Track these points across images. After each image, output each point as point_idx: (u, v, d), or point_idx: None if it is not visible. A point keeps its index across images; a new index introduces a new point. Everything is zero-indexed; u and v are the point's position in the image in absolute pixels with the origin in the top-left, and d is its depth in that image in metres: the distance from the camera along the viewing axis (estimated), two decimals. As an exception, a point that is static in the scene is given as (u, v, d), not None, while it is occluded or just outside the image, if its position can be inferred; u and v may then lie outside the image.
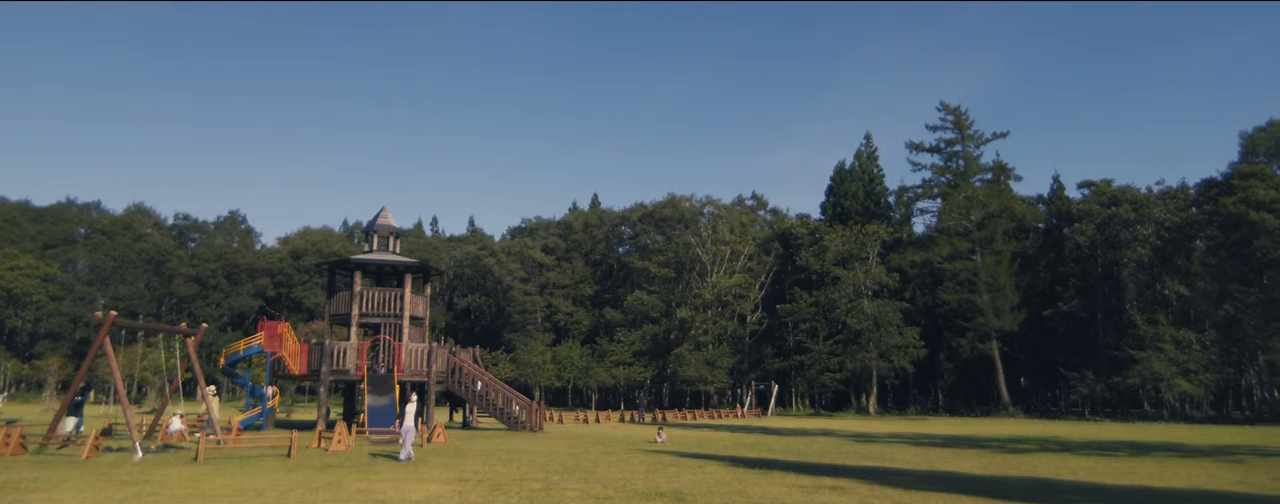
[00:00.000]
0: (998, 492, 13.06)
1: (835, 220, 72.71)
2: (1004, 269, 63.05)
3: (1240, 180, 54.10)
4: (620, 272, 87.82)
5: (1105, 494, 13.31)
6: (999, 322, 61.44)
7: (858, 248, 66.09)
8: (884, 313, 62.19)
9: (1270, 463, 19.49)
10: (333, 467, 16.26)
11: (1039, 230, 71.63)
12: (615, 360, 70.64)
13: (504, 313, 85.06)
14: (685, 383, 68.15)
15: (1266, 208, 51.44)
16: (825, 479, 14.73)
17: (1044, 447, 25.62)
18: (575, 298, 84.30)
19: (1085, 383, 58.25)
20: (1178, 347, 54.00)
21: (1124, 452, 23.51)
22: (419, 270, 33.97)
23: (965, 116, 68.31)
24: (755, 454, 21.16)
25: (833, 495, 12.37)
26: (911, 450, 23.54)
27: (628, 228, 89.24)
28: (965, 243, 64.33)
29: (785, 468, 16.97)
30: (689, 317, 69.98)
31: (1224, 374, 56.44)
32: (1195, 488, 14.32)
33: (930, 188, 69.80)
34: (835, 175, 78.29)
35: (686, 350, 67.69)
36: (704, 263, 74.37)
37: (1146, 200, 62.78)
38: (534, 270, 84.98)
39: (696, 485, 13.48)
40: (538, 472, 15.59)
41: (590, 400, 75.31)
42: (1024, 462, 19.61)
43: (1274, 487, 14.44)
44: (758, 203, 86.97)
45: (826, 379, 64.31)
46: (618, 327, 76.49)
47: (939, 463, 19.17)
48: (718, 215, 78.83)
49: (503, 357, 71.58)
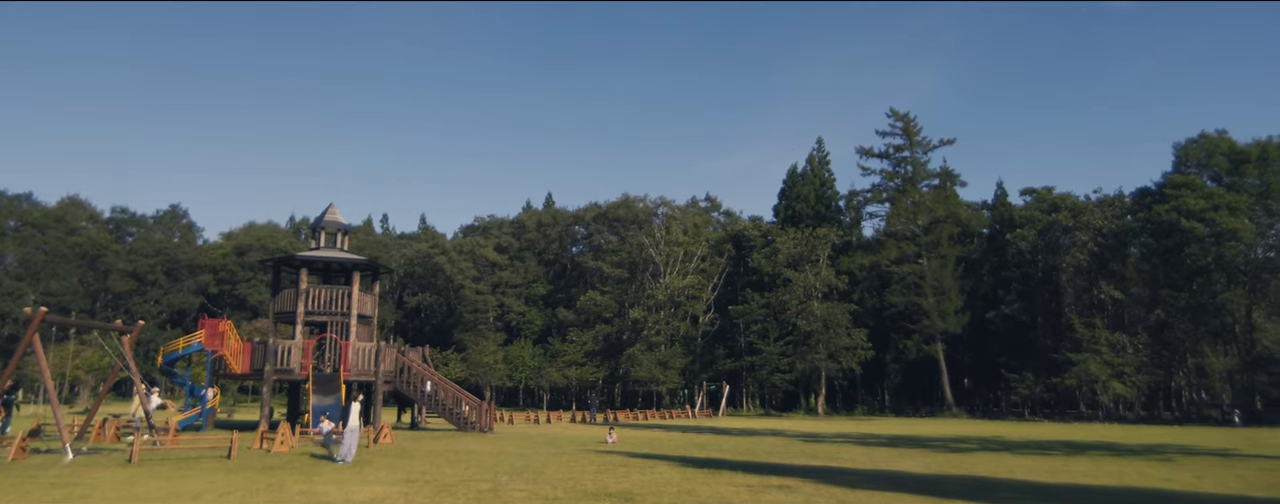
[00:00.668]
0: (938, 490, 13.37)
1: (787, 223, 73.60)
2: (949, 273, 64.55)
3: (1173, 190, 56.24)
4: (574, 271, 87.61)
5: (1040, 492, 13.74)
6: (944, 324, 62.87)
7: (808, 250, 67.03)
8: (833, 315, 63.17)
9: (1196, 461, 20.32)
10: (275, 468, 15.89)
11: (983, 235, 73.53)
12: (567, 360, 70.43)
13: (455, 312, 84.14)
14: (637, 383, 68.29)
15: (1196, 217, 53.57)
16: (773, 479, 14.90)
17: (985, 446, 26.30)
18: (528, 297, 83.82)
19: (1025, 384, 59.96)
20: (1112, 349, 55.93)
21: (1060, 451, 24.26)
22: (367, 268, 33.40)
23: (914, 123, 69.78)
24: (705, 454, 21.29)
25: (779, 494, 12.53)
26: (858, 450, 23.95)
27: (581, 228, 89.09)
28: (912, 247, 65.71)
29: (734, 468, 17.12)
30: (642, 317, 70.14)
31: (1155, 376, 58.67)
32: (1125, 486, 14.86)
33: (879, 192, 71.12)
34: (787, 179, 79.25)
35: (639, 351, 67.82)
36: (657, 264, 74.62)
37: (1085, 208, 64.94)
38: (486, 269, 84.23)
39: (646, 485, 13.51)
40: (486, 473, 15.46)
41: (542, 401, 74.94)
42: (965, 461, 20.10)
43: (1198, 484, 15.06)
44: (711, 204, 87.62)
45: (777, 380, 65.07)
46: (570, 327, 76.28)
47: (883, 462, 19.54)
48: (671, 216, 79.15)
49: (453, 356, 70.78)
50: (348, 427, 18.00)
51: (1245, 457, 22.11)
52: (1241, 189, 55.42)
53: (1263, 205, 55.28)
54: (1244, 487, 14.56)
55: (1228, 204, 53.46)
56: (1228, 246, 53.50)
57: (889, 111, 70.50)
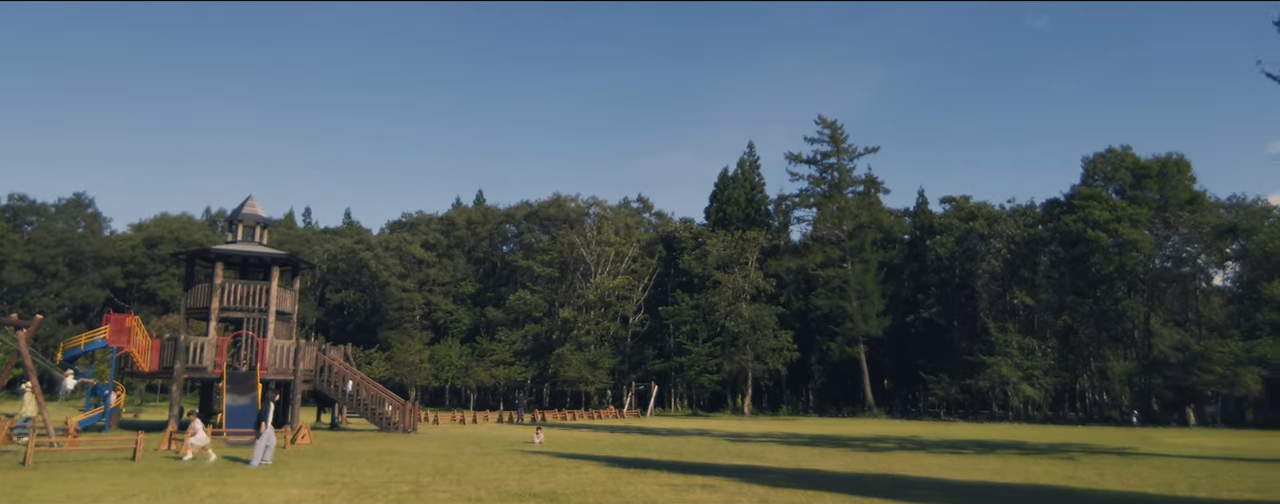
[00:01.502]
0: (856, 488, 13.73)
1: (718, 226, 74.46)
2: (872, 277, 66.36)
3: (1080, 201, 59.06)
4: (503, 270, 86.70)
5: (952, 489, 14.25)
6: (866, 327, 64.59)
7: (738, 253, 67.98)
8: (761, 317, 64.22)
9: (1097, 460, 21.41)
10: (183, 471, 15.24)
11: (904, 241, 75.88)
12: (495, 360, 69.63)
13: (380, 310, 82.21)
14: (566, 383, 68.03)
15: (1101, 227, 56.42)
16: (697, 478, 15.04)
17: (902, 445, 27.13)
18: (456, 296, 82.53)
19: (941, 385, 62.13)
20: (1023, 353, 58.42)
21: (972, 450, 25.22)
22: (288, 263, 32.37)
23: (841, 131, 71.53)
24: (631, 454, 21.36)
25: (703, 494, 12.66)
26: (781, 449, 24.39)
27: (512, 226, 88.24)
28: (837, 251, 67.36)
29: (660, 467, 17.22)
30: (572, 317, 69.90)
31: (1061, 379, 61.56)
32: (1031, 483, 15.55)
33: (807, 197, 72.65)
34: (719, 182, 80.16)
35: (568, 351, 67.57)
36: (588, 263, 74.49)
37: (999, 216, 67.74)
38: (413, 266, 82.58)
39: (571, 486, 13.47)
40: (408, 474, 15.16)
41: (468, 401, 73.91)
42: (883, 460, 20.70)
43: (1098, 482, 15.87)
44: (643, 205, 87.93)
45: (704, 380, 65.77)
46: (499, 326, 75.46)
47: (805, 461, 19.96)
48: (603, 217, 79.14)
49: (377, 355, 69.16)
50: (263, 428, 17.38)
51: (1142, 455, 23.40)
52: (1142, 202, 58.63)
53: (1161, 218, 58.58)
54: (1140, 484, 15.40)
55: (1129, 216, 56.47)
56: (1129, 256, 56.51)
57: (818, 119, 72.15)
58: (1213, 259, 60.53)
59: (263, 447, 16.77)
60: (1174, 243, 59.59)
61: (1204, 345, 52.33)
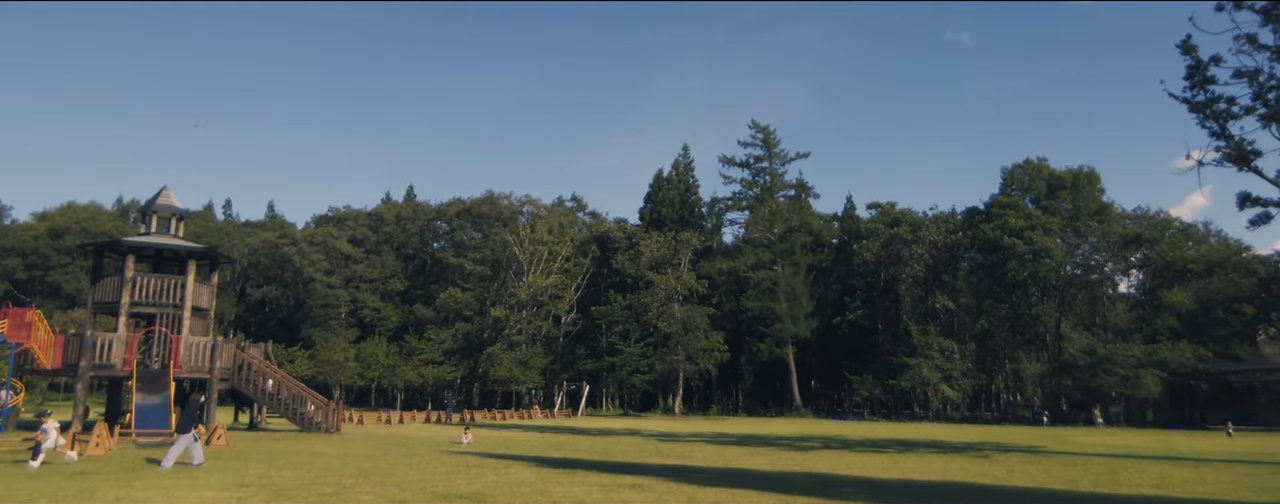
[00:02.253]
0: (782, 486, 13.97)
1: (651, 226, 74.82)
2: (801, 279, 67.71)
3: (998, 210, 61.49)
4: (434, 267, 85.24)
5: (873, 486, 14.65)
6: (795, 328, 65.86)
7: (671, 254, 68.45)
8: (692, 317, 64.80)
9: (1009, 457, 22.31)
10: (88, 473, 14.47)
11: (833, 245, 77.66)
12: (424, 359, 68.42)
13: (304, 306, 79.81)
14: (497, 383, 67.33)
15: (1017, 235, 58.84)
16: (626, 477, 15.07)
17: (827, 444, 27.74)
18: (384, 293, 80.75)
19: (866, 386, 63.83)
20: (943, 355, 60.51)
21: (893, 448, 25.96)
22: (205, 257, 31.14)
23: (773, 135, 72.74)
24: (561, 454, 21.26)
25: (632, 493, 12.68)
26: (710, 449, 24.64)
27: (443, 223, 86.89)
28: (768, 254, 68.48)
29: (589, 467, 17.19)
30: (503, 316, 69.21)
31: (978, 380, 64.03)
32: (947, 480, 16.10)
33: (739, 200, 73.65)
34: (654, 183, 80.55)
35: (499, 350, 66.88)
36: (521, 262, 73.88)
37: (922, 223, 70.00)
38: (339, 262, 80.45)
39: (499, 486, 13.32)
40: (330, 475, 14.74)
41: (395, 400, 72.42)
42: (808, 458, 21.13)
43: (1009, 479, 16.53)
44: (577, 205, 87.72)
45: (636, 380, 65.99)
46: (428, 324, 74.17)
47: (733, 460, 20.22)
48: (537, 215, 78.62)
49: (300, 353, 67.15)
50: (182, 430, 16.61)
51: (1051, 453, 24.48)
52: (1056, 212, 61.41)
53: (1073, 227, 61.45)
54: (1048, 481, 16.11)
55: (1043, 225, 59.06)
56: (1042, 263, 59.09)
57: (751, 123, 73.22)
58: (1118, 267, 63.77)
59: (184, 448, 16.13)
60: (1083, 251, 62.55)
61: (1109, 349, 55.09)
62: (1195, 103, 22.77)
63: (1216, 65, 22.43)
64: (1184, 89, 22.91)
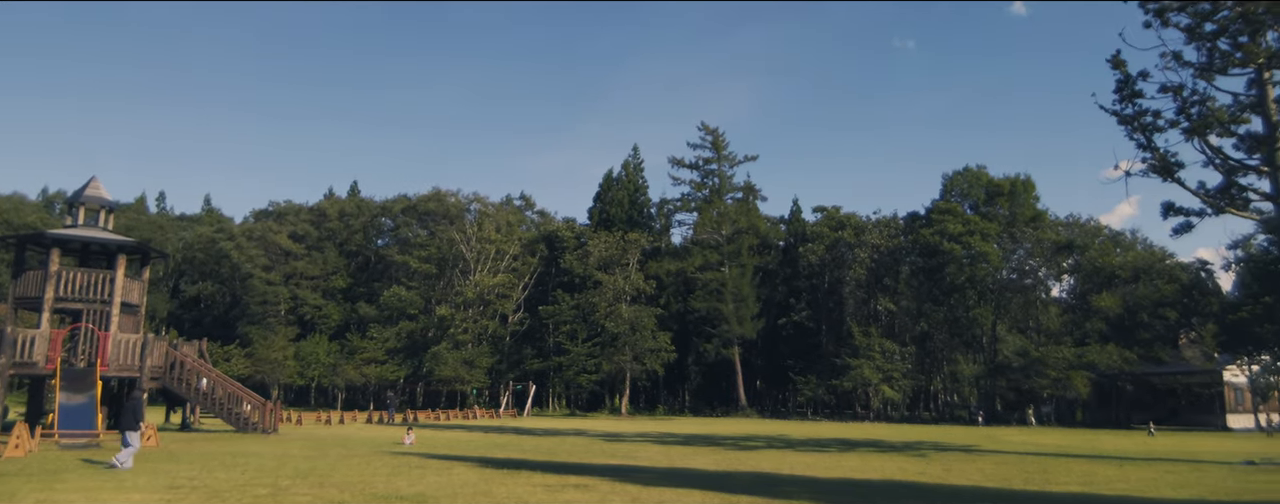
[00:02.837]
0: (725, 486, 14.11)
1: (600, 226, 74.75)
2: (748, 281, 68.43)
3: (938, 215, 63.08)
4: (378, 265, 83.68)
5: (814, 485, 14.90)
6: (741, 329, 66.52)
7: (619, 254, 68.51)
8: (640, 318, 64.97)
9: (946, 456, 22.91)
10: (7, 475, 13.84)
11: (779, 247, 78.68)
12: (366, 358, 67.14)
13: (241, 303, 77.57)
14: (441, 382, 66.45)
15: (956, 240, 60.44)
16: (571, 478, 15.03)
17: (771, 444, 28.10)
18: (325, 290, 78.95)
19: (810, 386, 64.85)
20: (884, 356, 61.84)
21: (835, 448, 26.43)
22: (136, 251, 30.05)
23: (722, 138, 73.37)
24: (506, 454, 21.10)
25: (576, 493, 12.66)
26: (655, 448, 24.73)
27: (388, 219, 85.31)
28: (716, 255, 69.05)
29: (534, 467, 17.10)
30: (449, 314, 68.36)
31: (918, 381, 65.61)
32: (886, 479, 16.47)
33: (688, 202, 74.10)
34: (603, 183, 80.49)
35: (444, 349, 66.02)
36: (467, 260, 73.06)
37: (866, 227, 71.44)
38: (279, 258, 78.42)
39: (441, 487, 13.15)
40: (266, 477, 14.36)
41: (336, 400, 70.92)
42: (752, 457, 21.37)
43: (945, 477, 16.99)
44: (526, 203, 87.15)
45: (583, 380, 65.86)
46: (371, 322, 72.81)
47: (678, 460, 20.34)
48: (485, 213, 77.85)
49: (236, 351, 65.30)
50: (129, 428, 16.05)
51: (985, 452, 25.23)
52: (993, 218, 63.28)
53: (1009, 233, 63.40)
54: (982, 479, 16.61)
55: (981, 230, 60.78)
56: (980, 268, 60.82)
57: (701, 125, 73.71)
58: (1051, 272, 66.01)
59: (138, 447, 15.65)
60: (1019, 256, 64.58)
61: (1041, 351, 57.01)
62: (1124, 115, 23.73)
63: (1144, 80, 23.42)
64: (1114, 102, 23.87)
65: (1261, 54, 21.38)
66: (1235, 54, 21.60)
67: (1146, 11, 22.20)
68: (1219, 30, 21.57)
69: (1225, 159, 23.06)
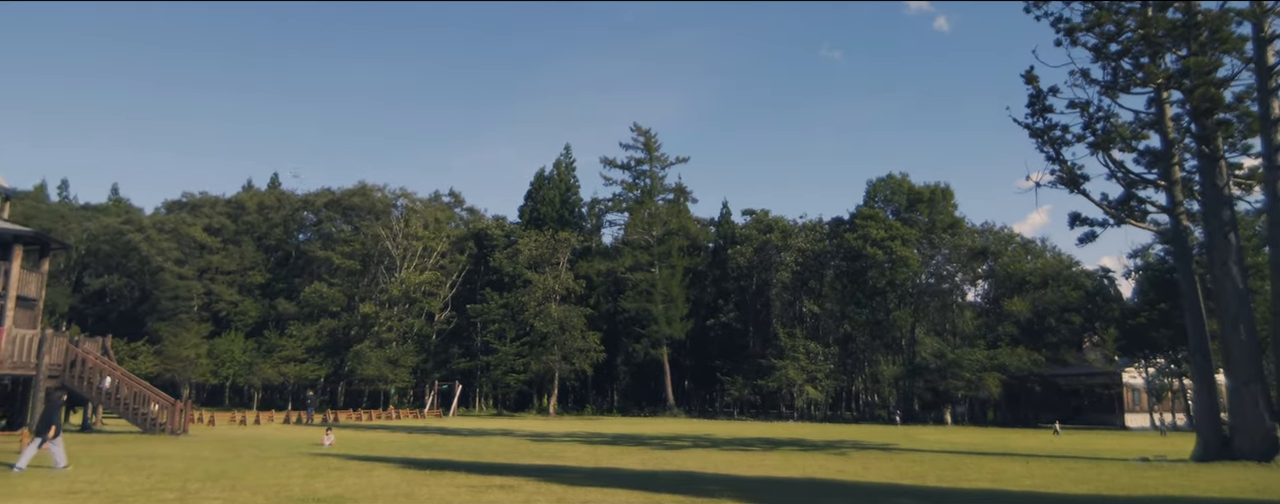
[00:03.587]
0: (650, 485, 14.19)
1: (531, 225, 74.22)
2: (677, 282, 69.01)
3: (862, 220, 64.91)
4: (299, 260, 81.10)
5: (737, 484, 15.13)
6: (670, 329, 67.03)
7: (550, 253, 68.17)
8: (570, 317, 64.77)
9: (865, 454, 23.58)
10: (-120, 481, 12.88)
11: (708, 249, 79.61)
12: (285, 356, 64.98)
13: (150, 298, 74.03)
14: (364, 382, 64.84)
15: (878, 245, 62.29)
16: (496, 478, 14.88)
17: (697, 443, 28.38)
18: (242, 286, 76.06)
19: (736, 386, 65.83)
20: (808, 357, 63.25)
21: (759, 447, 26.88)
22: (34, 241, 28.41)
23: (654, 139, 73.84)
24: (430, 455, 20.75)
25: (501, 494, 12.54)
26: (583, 448, 24.70)
27: (311, 214, 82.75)
28: (646, 256, 69.43)
29: (458, 468, 16.86)
30: (373, 312, 66.77)
31: (840, 381, 67.35)
32: (807, 476, 16.85)
33: (620, 202, 74.32)
34: (535, 181, 79.93)
35: (368, 347, 64.45)
36: (393, 257, 71.51)
37: (793, 230, 72.95)
38: (193, 252, 75.22)
39: (361, 489, 12.84)
40: (173, 480, 13.75)
41: (252, 400, 68.41)
42: (677, 457, 21.56)
43: (863, 474, 17.48)
44: (455, 200, 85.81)
45: (511, 380, 65.25)
46: (291, 320, 70.52)
47: (605, 460, 20.36)
48: (412, 209, 76.33)
49: (145, 348, 62.29)
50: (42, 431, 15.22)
51: (902, 450, 26.06)
52: (913, 224, 65.46)
53: (928, 239, 65.70)
54: (898, 476, 17.16)
55: (902, 236, 62.82)
56: (900, 272, 62.84)
57: (633, 126, 74.08)
58: (967, 277, 68.71)
59: (38, 450, 14.79)
60: (937, 262, 67.01)
61: (957, 353, 59.27)
62: (1035, 129, 24.91)
63: (1054, 95, 24.64)
64: (1026, 116, 25.01)
65: (1160, 75, 22.73)
66: (1137, 74, 22.90)
67: (1058, 30, 23.34)
68: (1123, 51, 22.83)
69: (1127, 173, 24.43)
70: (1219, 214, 22.29)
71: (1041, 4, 23.87)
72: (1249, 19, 21.16)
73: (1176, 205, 23.82)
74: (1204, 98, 21.24)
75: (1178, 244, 24.84)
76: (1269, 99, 21.14)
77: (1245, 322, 21.68)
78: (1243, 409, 21.24)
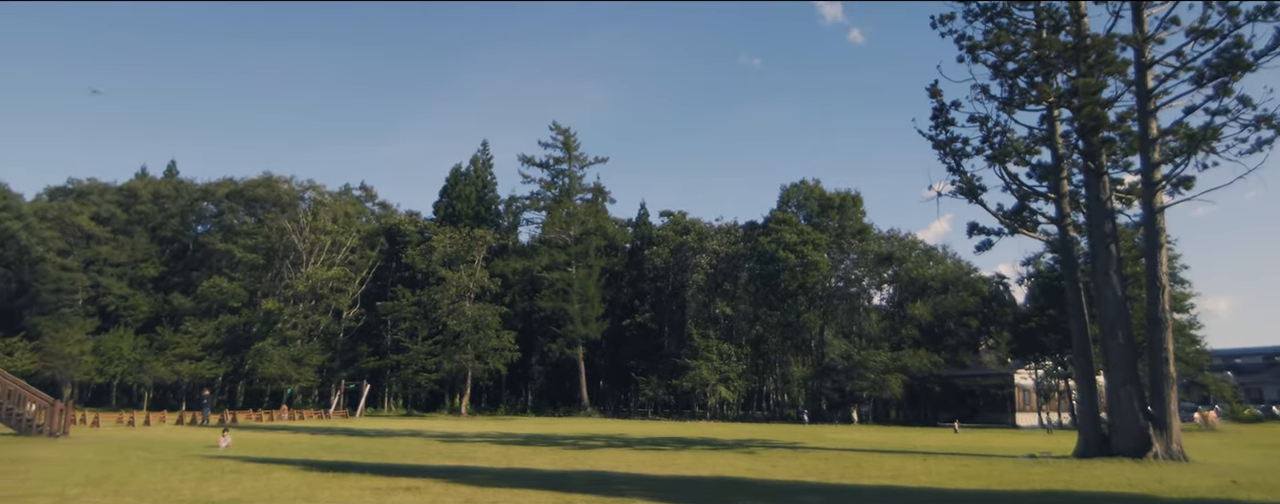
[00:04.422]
0: (562, 485, 14.16)
1: (446, 221, 72.87)
2: (594, 282, 69.00)
3: (775, 224, 66.35)
4: (197, 253, 77.13)
5: (648, 483, 15.26)
6: (586, 329, 66.95)
7: (465, 250, 67.09)
8: (484, 316, 63.89)
9: (773, 453, 24.13)
10: None
11: (626, 249, 79.90)
12: (179, 354, 61.82)
13: (29, 290, 69.08)
14: (266, 381, 62.26)
15: (790, 249, 63.80)
16: (402, 480, 14.56)
17: (610, 443, 28.47)
18: (133, 279, 71.80)
19: (651, 386, 66.32)
20: (721, 358, 64.26)
21: (671, 446, 27.16)
22: (-102, 228, 26.11)
23: (574, 138, 73.69)
24: (334, 457, 20.13)
25: (406, 496, 12.28)
26: (494, 449, 24.42)
27: (211, 204, 78.82)
28: (563, 255, 69.17)
29: (363, 470, 16.42)
30: (277, 309, 64.22)
31: (752, 381, 68.68)
32: (717, 475, 17.14)
33: (537, 200, 73.82)
34: (450, 177, 78.54)
35: (270, 345, 61.89)
36: (300, 251, 68.94)
37: (709, 232, 74.01)
38: (79, 241, 70.66)
39: (258, 493, 12.35)
40: (50, 485, 12.91)
41: (142, 400, 64.75)
42: (590, 457, 21.58)
43: (771, 472, 17.91)
44: (366, 194, 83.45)
45: (422, 379, 63.86)
46: (187, 315, 67.08)
47: (517, 460, 20.19)
48: (320, 202, 73.76)
49: (21, 344, 58.33)
50: None
51: (809, 449, 26.79)
52: (824, 229, 67.38)
53: (838, 244, 67.72)
54: (803, 473, 17.65)
55: (813, 241, 64.55)
56: (811, 275, 64.54)
57: (552, 125, 73.88)
58: (873, 282, 71.14)
59: None
60: (846, 266, 69.12)
61: (863, 355, 61.32)
62: (938, 140, 26.06)
63: (956, 109, 25.83)
64: (931, 128, 26.14)
65: (1052, 94, 24.13)
66: (1031, 92, 24.24)
67: (961, 48, 24.48)
68: (1019, 69, 24.13)
69: (1020, 185, 25.83)
70: (1101, 226, 23.80)
71: (947, 21, 24.98)
72: (1131, 44, 22.70)
73: (1064, 217, 25.32)
74: (1090, 116, 22.65)
75: (1064, 253, 26.40)
76: (1148, 120, 22.71)
77: (1123, 327, 23.22)
78: (1120, 409, 22.74)
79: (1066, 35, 24.22)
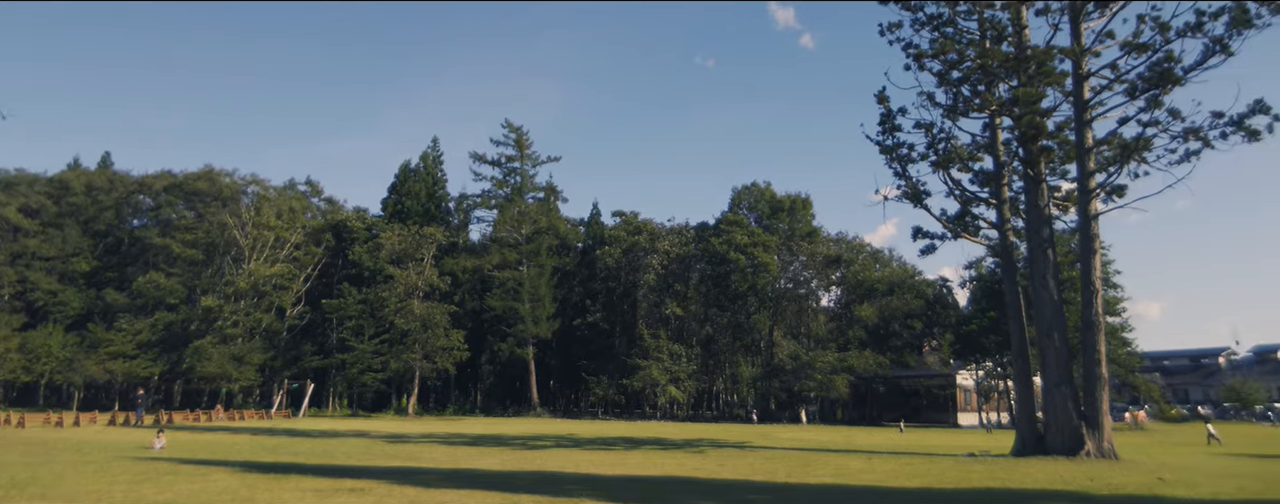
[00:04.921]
0: (509, 485, 14.07)
1: (394, 218, 71.62)
2: (545, 281, 68.60)
3: (726, 226, 66.90)
4: (132, 248, 74.42)
5: (596, 483, 15.26)
6: (537, 329, 66.53)
7: (414, 248, 66.07)
8: (433, 315, 63.00)
9: (722, 452, 24.34)
10: None
11: (578, 249, 79.64)
12: (113, 352, 59.64)
13: (-49, 286, 66.03)
14: (205, 381, 60.41)
15: (741, 250, 64.42)
16: (346, 481, 14.31)
17: (559, 443, 28.37)
18: (63, 273, 69.03)
19: (601, 386, 66.22)
20: (671, 358, 64.52)
21: (621, 446, 27.20)
22: None
23: (526, 137, 73.12)
24: (275, 458, 19.67)
25: (350, 498, 12.07)
26: (441, 449, 24.14)
27: (148, 197, 76.12)
28: (515, 254, 68.64)
29: (305, 471, 16.07)
30: (216, 306, 62.36)
31: (702, 382, 69.08)
32: (666, 474, 17.22)
33: (489, 198, 73.06)
34: (400, 174, 77.17)
35: (209, 343, 60.09)
36: (242, 247, 67.08)
37: (660, 233, 74.23)
38: (6, 234, 67.70)
39: (194, 495, 12.00)
40: (-29, 488, 12.35)
41: (72, 400, 62.26)
42: (539, 457, 21.48)
43: (719, 471, 18.06)
44: (312, 189, 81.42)
45: (368, 379, 62.67)
46: (121, 312, 64.74)
47: (464, 460, 19.99)
48: (264, 197, 71.79)
49: (-60, 342, 55.52)
50: None
51: (757, 448, 27.08)
52: (775, 231, 68.18)
53: (787, 246, 68.57)
54: (751, 472, 17.84)
55: (763, 242, 65.26)
56: (761, 277, 65.26)
57: (505, 122, 73.06)
58: (822, 283, 72.22)
59: None
60: (795, 268, 70.03)
61: (811, 356, 62.19)
62: (885, 146, 26.60)
63: (903, 116, 26.41)
64: (878, 133, 26.66)
65: (994, 102, 24.84)
66: (975, 100, 24.92)
67: (908, 55, 25.03)
68: (963, 78, 24.77)
69: (963, 191, 26.51)
70: (1039, 232, 24.56)
71: (895, 29, 25.52)
72: (1069, 57, 23.48)
73: (1004, 222, 26.08)
74: (1030, 125, 23.37)
75: (1004, 258, 27.19)
76: (1084, 129, 23.52)
77: (1059, 329, 24.00)
78: (1055, 409, 23.50)
79: (1008, 46, 24.93)
